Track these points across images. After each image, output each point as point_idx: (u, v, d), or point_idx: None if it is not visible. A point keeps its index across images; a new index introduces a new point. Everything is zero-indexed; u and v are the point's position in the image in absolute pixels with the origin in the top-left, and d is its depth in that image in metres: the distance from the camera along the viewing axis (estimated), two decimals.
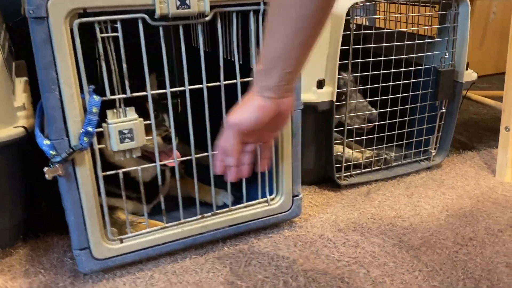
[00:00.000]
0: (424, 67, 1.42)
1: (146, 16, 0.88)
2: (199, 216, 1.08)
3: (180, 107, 1.65)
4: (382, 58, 1.34)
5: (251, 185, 1.12)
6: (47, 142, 0.88)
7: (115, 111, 0.92)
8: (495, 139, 1.54)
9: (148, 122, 0.96)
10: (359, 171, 1.45)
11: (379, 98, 1.37)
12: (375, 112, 1.40)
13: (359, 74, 1.35)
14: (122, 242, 1.01)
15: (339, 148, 1.41)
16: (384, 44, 1.34)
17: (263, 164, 0.80)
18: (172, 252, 1.09)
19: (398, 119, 1.43)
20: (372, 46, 1.33)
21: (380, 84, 1.36)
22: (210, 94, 1.00)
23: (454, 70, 1.42)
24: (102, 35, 0.87)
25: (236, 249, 1.12)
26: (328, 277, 1.01)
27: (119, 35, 0.88)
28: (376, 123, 1.41)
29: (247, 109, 0.68)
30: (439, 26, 1.43)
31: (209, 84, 0.99)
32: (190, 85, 0.97)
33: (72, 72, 0.85)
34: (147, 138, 0.97)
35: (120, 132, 0.92)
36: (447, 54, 1.41)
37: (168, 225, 1.05)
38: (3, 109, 1.01)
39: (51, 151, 0.87)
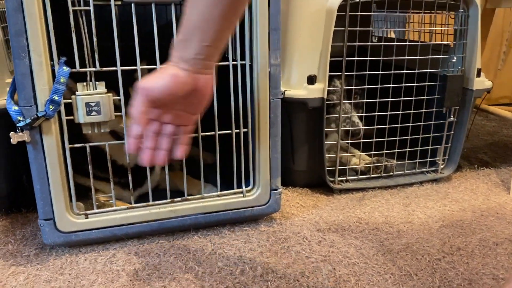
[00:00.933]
0: (429, 70, 1.34)
1: None
2: (169, 200, 1.07)
3: None
4: (381, 58, 1.29)
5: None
6: (15, 108, 0.91)
7: (85, 84, 0.95)
8: None
9: (118, 98, 0.97)
10: (356, 177, 1.38)
11: (378, 100, 1.31)
12: (360, 128, 1.34)
13: (354, 75, 1.31)
14: (87, 218, 1.01)
15: (351, 158, 1.37)
16: (383, 43, 1.29)
17: (180, 150, 0.72)
18: (140, 235, 1.08)
19: (399, 125, 1.36)
20: (370, 44, 1.29)
21: (379, 85, 1.30)
22: None
23: (463, 76, 1.34)
24: (73, 8, 0.91)
25: (206, 239, 1.09)
26: (289, 270, 0.95)
27: (91, 9, 0.91)
28: (362, 140, 1.35)
29: (159, 76, 0.66)
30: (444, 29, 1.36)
31: None
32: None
33: (41, 40, 0.89)
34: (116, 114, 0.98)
35: (87, 104, 0.94)
36: (455, 58, 1.33)
37: (135, 205, 1.05)
38: None
39: (18, 117, 0.90)
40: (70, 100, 0.94)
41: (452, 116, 1.38)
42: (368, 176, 1.39)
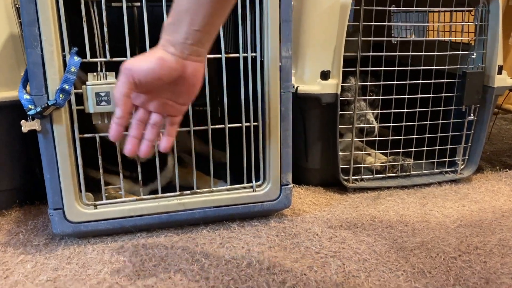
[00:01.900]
0: (447, 67, 1.31)
1: None
2: (178, 192, 1.06)
3: None
4: (397, 54, 1.26)
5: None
6: (26, 97, 0.92)
7: (95, 74, 0.95)
8: None
9: None
10: (371, 176, 1.35)
11: (394, 96, 1.28)
12: (375, 125, 1.31)
13: (369, 70, 1.28)
14: (96, 208, 1.02)
15: (367, 157, 1.34)
16: (399, 38, 1.26)
17: (165, 142, 0.69)
18: (149, 227, 1.07)
19: (416, 123, 1.32)
20: (385, 39, 1.27)
21: (395, 82, 1.27)
22: None
23: (483, 73, 1.30)
24: None
25: (215, 233, 1.07)
26: (297, 264, 0.93)
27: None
28: (377, 138, 1.32)
29: (146, 58, 0.64)
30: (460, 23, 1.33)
31: None
32: None
33: (53, 30, 0.90)
34: None
35: (97, 94, 0.95)
36: (475, 55, 1.29)
37: (144, 197, 1.04)
38: (9, 74, 1.09)
39: (29, 105, 0.92)
40: (81, 90, 0.95)
41: (472, 115, 1.33)
42: (383, 175, 1.36)
